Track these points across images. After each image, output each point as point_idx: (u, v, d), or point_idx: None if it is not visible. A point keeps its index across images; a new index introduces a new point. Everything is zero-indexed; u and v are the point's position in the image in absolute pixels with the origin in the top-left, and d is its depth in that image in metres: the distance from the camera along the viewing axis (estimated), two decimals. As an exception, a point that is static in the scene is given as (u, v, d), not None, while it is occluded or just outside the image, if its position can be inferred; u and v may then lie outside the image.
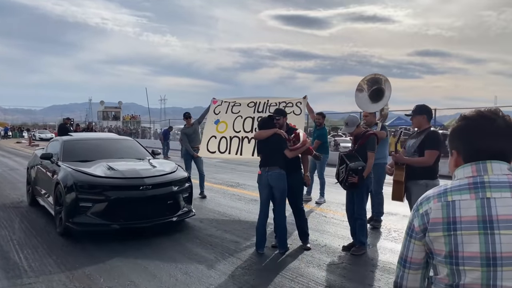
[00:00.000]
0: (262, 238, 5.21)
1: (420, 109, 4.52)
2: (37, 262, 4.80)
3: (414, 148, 4.47)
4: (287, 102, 7.78)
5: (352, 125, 5.16)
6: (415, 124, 4.59)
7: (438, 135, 4.50)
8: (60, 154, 6.86)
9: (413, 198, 4.52)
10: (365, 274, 4.49)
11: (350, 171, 4.91)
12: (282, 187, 5.09)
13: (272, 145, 5.13)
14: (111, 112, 50.95)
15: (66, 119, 15.40)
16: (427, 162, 4.34)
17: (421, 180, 4.40)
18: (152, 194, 5.87)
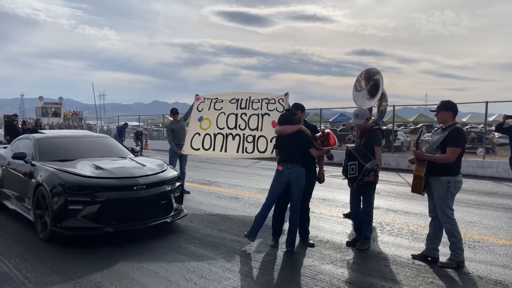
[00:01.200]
0: (257, 228, 5.15)
1: (446, 105, 4.57)
2: (32, 272, 4.37)
3: (437, 144, 4.53)
4: (269, 99, 7.73)
5: (362, 118, 5.19)
6: (440, 119, 4.61)
7: (462, 132, 4.56)
8: (36, 154, 6.31)
9: (435, 194, 4.59)
10: (380, 268, 4.53)
11: (367, 171, 4.90)
12: (301, 185, 5.03)
13: (296, 142, 5.02)
14: (51, 108, 48.03)
15: (14, 116, 14.25)
16: (448, 159, 4.42)
17: (443, 177, 4.49)
18: (146, 194, 5.55)
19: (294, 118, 5.18)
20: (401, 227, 6.25)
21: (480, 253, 5.06)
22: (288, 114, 5.28)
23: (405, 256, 4.90)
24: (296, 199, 5.08)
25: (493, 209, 7.69)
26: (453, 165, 4.45)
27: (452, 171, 4.47)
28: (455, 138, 4.42)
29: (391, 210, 7.44)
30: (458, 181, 4.52)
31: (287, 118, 5.19)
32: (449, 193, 4.49)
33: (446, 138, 4.44)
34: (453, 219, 4.53)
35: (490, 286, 4.04)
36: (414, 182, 4.58)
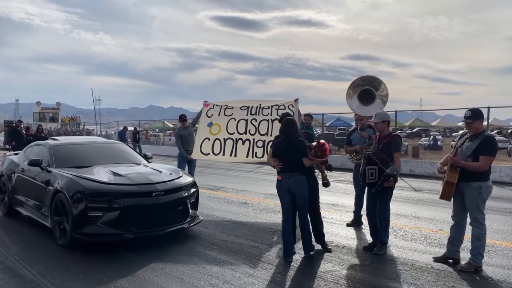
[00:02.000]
0: (290, 245, 5.08)
1: (478, 114, 4.63)
2: (58, 278, 4.41)
3: (470, 151, 4.60)
4: (279, 105, 7.84)
5: (378, 118, 5.33)
6: (473, 129, 4.62)
7: (494, 141, 4.65)
8: (52, 160, 6.35)
9: (466, 199, 4.69)
10: (400, 273, 4.61)
11: (387, 176, 4.99)
12: (304, 193, 5.04)
13: (291, 151, 5.00)
14: (48, 114, 47.85)
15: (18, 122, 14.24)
16: (482, 167, 4.52)
17: (475, 183, 4.58)
18: (164, 200, 5.62)
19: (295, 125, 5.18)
20: (414, 232, 6.34)
21: (496, 257, 5.15)
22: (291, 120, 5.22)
23: (423, 260, 4.98)
24: (302, 208, 5.10)
25: (501, 213, 7.80)
26: (484, 171, 4.56)
27: (484, 177, 4.58)
28: (488, 146, 4.51)
29: (401, 215, 7.52)
30: (489, 186, 4.63)
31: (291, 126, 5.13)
32: (481, 198, 4.59)
33: (479, 146, 4.51)
34: (483, 224, 4.63)
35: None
36: (445, 188, 4.66)
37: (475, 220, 4.64)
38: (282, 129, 5.19)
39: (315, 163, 5.15)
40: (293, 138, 5.05)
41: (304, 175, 5.04)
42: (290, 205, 5.10)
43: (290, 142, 5.03)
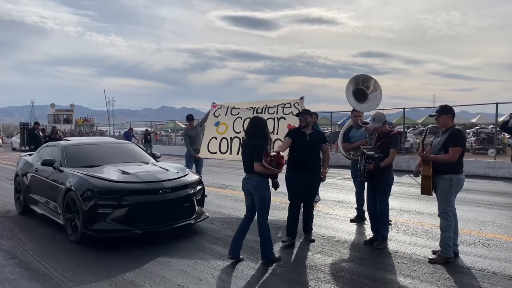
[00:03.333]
0: (235, 241, 4.92)
1: (446, 109, 4.87)
2: (68, 271, 4.64)
3: (440, 145, 4.82)
4: (285, 104, 7.99)
5: (378, 121, 5.42)
6: (440, 123, 4.90)
7: (462, 133, 4.86)
8: (63, 160, 6.60)
9: (438, 191, 4.86)
10: (398, 265, 4.74)
11: (367, 158, 5.18)
12: (260, 194, 4.77)
13: (245, 152, 4.89)
14: (63, 115, 48.73)
15: (35, 124, 14.61)
16: (451, 158, 4.69)
17: (447, 175, 4.75)
18: (171, 197, 5.83)
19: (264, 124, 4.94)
20: (416, 227, 6.44)
21: (494, 250, 5.24)
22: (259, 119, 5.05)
23: (421, 254, 5.10)
24: (258, 210, 4.83)
25: (506, 208, 7.84)
26: (455, 164, 4.73)
27: (455, 170, 4.74)
28: (456, 138, 4.72)
29: (405, 211, 7.62)
30: (460, 179, 4.78)
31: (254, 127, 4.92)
32: (451, 191, 4.75)
33: (448, 139, 4.74)
34: (450, 216, 4.79)
35: (505, 281, 4.23)
36: (423, 182, 4.83)
37: (443, 211, 4.81)
38: (247, 129, 5.04)
39: (267, 172, 4.73)
40: (250, 139, 4.85)
41: (263, 177, 4.77)
42: (249, 206, 4.95)
43: (248, 143, 4.87)
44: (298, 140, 5.58)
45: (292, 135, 5.68)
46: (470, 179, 12.20)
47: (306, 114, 5.67)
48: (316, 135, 5.72)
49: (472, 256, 4.99)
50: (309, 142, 5.57)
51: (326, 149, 5.79)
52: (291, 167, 5.63)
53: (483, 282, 4.21)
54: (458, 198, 8.75)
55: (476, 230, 6.21)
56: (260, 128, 4.86)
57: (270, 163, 4.72)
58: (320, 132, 6.09)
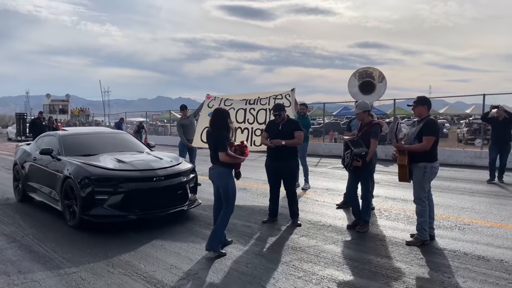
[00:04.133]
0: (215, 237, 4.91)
1: (422, 100, 5.16)
2: (68, 253, 4.94)
3: (414, 135, 5.11)
4: (277, 95, 8.25)
5: (359, 108, 5.77)
6: (416, 113, 5.20)
7: (435, 123, 5.16)
8: (61, 149, 6.87)
9: (413, 179, 5.17)
10: (377, 247, 5.07)
11: (354, 155, 5.49)
12: (223, 185, 4.86)
13: (210, 143, 5.01)
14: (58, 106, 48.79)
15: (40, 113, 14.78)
16: (425, 147, 4.99)
17: (421, 163, 5.06)
18: (164, 185, 6.12)
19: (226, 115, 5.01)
20: (398, 213, 6.78)
21: (469, 234, 5.58)
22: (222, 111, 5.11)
23: (401, 237, 5.43)
24: (223, 200, 4.92)
25: (486, 196, 8.19)
26: (429, 153, 5.03)
27: (429, 158, 5.04)
28: (429, 128, 5.01)
29: (390, 198, 7.96)
30: (434, 167, 5.09)
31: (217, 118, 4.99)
32: (425, 178, 5.06)
33: (422, 128, 5.03)
34: (425, 202, 5.11)
35: (474, 260, 4.57)
36: (399, 171, 5.13)
37: (418, 197, 5.13)
38: (210, 120, 5.09)
39: (232, 161, 4.87)
40: (214, 130, 4.95)
41: (225, 167, 4.88)
42: (217, 195, 5.06)
43: (211, 134, 4.99)
44: (272, 131, 6.06)
45: (268, 128, 6.27)
46: (457, 168, 12.59)
47: (277, 110, 6.04)
48: (289, 124, 6.06)
49: (447, 239, 5.32)
50: (280, 131, 5.98)
51: (297, 135, 5.96)
52: (267, 155, 6.17)
53: (453, 261, 4.54)
54: (442, 186, 9.19)
55: (454, 216, 6.55)
56: (222, 119, 4.95)
57: (235, 152, 4.94)
58: (295, 121, 6.38)
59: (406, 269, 4.33)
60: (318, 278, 4.14)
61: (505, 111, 9.75)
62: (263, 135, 6.29)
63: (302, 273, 4.27)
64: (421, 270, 4.32)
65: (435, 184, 9.27)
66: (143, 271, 4.36)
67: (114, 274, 4.30)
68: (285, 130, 5.99)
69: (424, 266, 4.43)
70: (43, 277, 4.22)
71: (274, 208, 6.29)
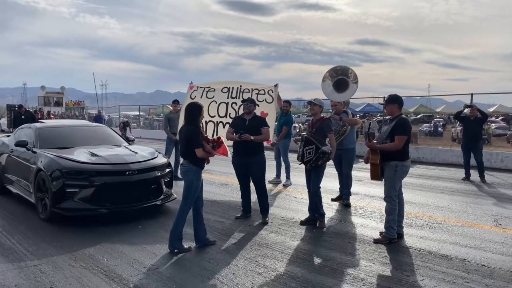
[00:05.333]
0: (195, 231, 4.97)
1: (393, 99, 5.15)
2: (33, 246, 4.93)
3: (386, 134, 5.10)
4: (259, 90, 8.20)
5: (317, 102, 5.87)
6: (388, 111, 5.20)
7: (407, 122, 5.13)
8: (36, 142, 6.84)
9: (384, 177, 5.17)
10: (344, 245, 5.07)
11: (321, 153, 5.49)
12: (188, 180, 4.77)
13: (181, 139, 4.92)
14: (53, 98, 48.62)
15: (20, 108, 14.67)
16: (396, 146, 4.98)
17: (392, 161, 5.05)
18: (137, 179, 6.10)
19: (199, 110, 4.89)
20: (373, 211, 6.78)
21: (438, 233, 5.58)
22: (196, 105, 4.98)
23: (369, 235, 5.43)
24: (183, 196, 4.85)
25: (465, 195, 8.19)
26: (401, 151, 5.02)
27: (400, 157, 5.03)
28: (401, 127, 4.99)
29: (368, 196, 7.96)
30: (405, 165, 5.08)
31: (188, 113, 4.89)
32: (396, 176, 5.04)
33: (394, 127, 5.01)
34: (395, 201, 5.10)
35: (437, 259, 4.57)
36: (371, 169, 5.12)
37: (388, 195, 5.12)
38: (184, 115, 4.97)
39: (208, 156, 4.87)
40: (186, 126, 4.87)
41: (194, 164, 4.78)
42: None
43: (183, 130, 4.92)
44: (238, 126, 6.02)
45: (234, 122, 6.22)
46: (443, 167, 12.58)
47: (250, 103, 6.05)
48: (256, 120, 6.04)
49: (415, 238, 5.33)
50: (247, 127, 5.94)
51: (264, 131, 5.95)
52: (233, 152, 6.09)
53: (416, 260, 4.54)
54: (424, 184, 9.20)
55: (428, 214, 6.55)
56: (193, 114, 4.85)
57: (213, 148, 4.92)
58: (261, 118, 6.32)
59: (367, 267, 4.33)
60: (278, 274, 4.14)
61: (478, 110, 9.84)
62: (229, 129, 6.20)
63: (263, 269, 4.27)
64: (382, 268, 4.32)
65: (415, 183, 9.36)
66: (105, 265, 4.35)
67: (74, 267, 4.29)
68: (252, 126, 5.97)
69: (386, 264, 4.44)
70: (3, 270, 4.21)
71: (246, 203, 6.29)
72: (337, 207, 6.99)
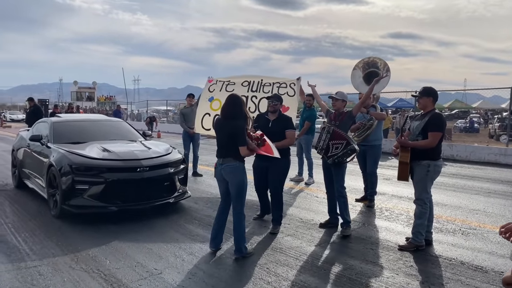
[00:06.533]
0: (216, 233, 4.57)
1: (427, 92, 4.63)
2: (38, 245, 4.75)
3: (419, 130, 4.60)
4: (281, 83, 7.80)
5: (339, 96, 5.40)
6: (420, 105, 4.68)
7: (442, 117, 4.62)
8: (50, 136, 6.71)
9: (415, 177, 4.69)
10: (365, 251, 4.64)
11: (349, 151, 5.03)
12: (237, 182, 4.35)
13: (223, 134, 4.39)
14: (85, 93, 49.72)
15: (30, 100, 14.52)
16: (430, 144, 4.49)
17: (424, 161, 4.57)
18: (149, 176, 5.84)
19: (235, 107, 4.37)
20: (400, 213, 6.28)
21: (472, 240, 5.06)
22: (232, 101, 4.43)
23: (394, 240, 4.98)
24: (235, 199, 4.41)
25: (502, 197, 7.55)
26: (433, 150, 4.53)
27: (433, 156, 4.54)
28: (435, 123, 4.49)
29: (396, 196, 7.45)
30: (438, 165, 4.59)
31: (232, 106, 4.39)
32: (428, 177, 4.56)
33: (427, 123, 4.51)
34: (426, 204, 4.61)
35: (469, 271, 4.08)
36: (400, 168, 4.63)
37: (419, 198, 4.63)
38: (222, 107, 4.51)
39: (251, 154, 4.46)
40: (228, 120, 4.37)
41: (240, 161, 4.37)
42: (225, 194, 4.52)
43: (226, 125, 4.38)
44: (260, 127, 5.29)
45: (257, 121, 5.51)
46: (480, 166, 11.84)
47: (276, 100, 5.46)
48: (280, 121, 5.46)
49: (446, 245, 4.83)
50: (270, 129, 5.31)
51: (288, 134, 5.36)
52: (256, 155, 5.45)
53: (445, 271, 4.07)
54: (457, 185, 8.58)
55: (461, 218, 6.01)
56: (238, 106, 4.36)
57: (258, 146, 4.44)
58: (287, 118, 5.65)
59: (389, 278, 3.90)
60: (289, 284, 3.76)
61: None
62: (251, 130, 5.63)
63: (274, 277, 3.90)
64: (406, 280, 3.87)
65: (448, 183, 8.75)
66: (105, 268, 4.09)
67: (74, 270, 4.05)
68: (276, 128, 5.37)
69: (411, 275, 3.98)
70: (1, 271, 4.01)
71: (264, 203, 5.87)
72: (360, 209, 6.54)
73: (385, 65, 6.52)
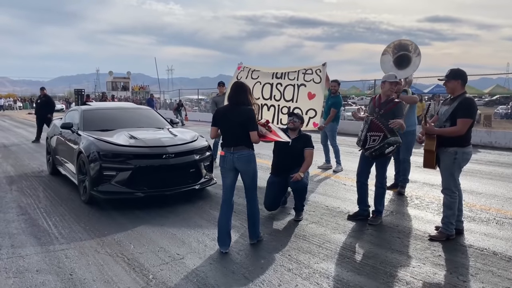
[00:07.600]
0: (226, 235, 4.24)
1: (455, 74, 4.34)
2: (66, 229, 4.88)
3: (447, 116, 4.35)
4: (307, 69, 7.68)
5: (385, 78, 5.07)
6: (449, 89, 4.41)
7: (473, 102, 4.34)
8: (80, 124, 6.87)
9: (441, 165, 4.48)
10: (392, 240, 4.50)
11: (387, 144, 4.78)
12: (252, 170, 4.24)
13: (239, 120, 4.15)
14: (120, 83, 50.86)
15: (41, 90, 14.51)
16: (459, 132, 4.24)
17: (451, 148, 4.34)
18: (174, 162, 5.89)
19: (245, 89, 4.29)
20: (431, 201, 6.07)
21: (507, 229, 4.81)
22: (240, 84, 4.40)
23: (422, 229, 4.81)
24: (249, 187, 4.31)
25: (543, 185, 7.17)
26: (461, 136, 4.26)
27: (461, 142, 4.28)
28: (465, 108, 4.21)
29: (428, 184, 7.20)
30: (466, 152, 4.33)
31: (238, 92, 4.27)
32: (456, 165, 4.32)
33: (456, 109, 4.24)
34: (455, 193, 4.39)
35: (502, 262, 3.88)
36: (426, 156, 4.42)
37: (447, 187, 4.41)
38: (229, 95, 4.39)
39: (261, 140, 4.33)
40: (237, 106, 4.22)
41: (252, 149, 4.24)
42: (230, 186, 4.31)
43: (235, 112, 4.20)
44: (280, 145, 5.26)
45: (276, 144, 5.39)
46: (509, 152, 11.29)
47: (297, 118, 5.43)
48: (301, 140, 5.34)
49: (478, 234, 4.62)
50: (289, 149, 5.25)
51: (308, 153, 5.29)
52: (272, 171, 5.71)
53: (476, 262, 3.89)
54: (494, 172, 8.22)
55: (496, 207, 5.74)
56: (244, 93, 4.26)
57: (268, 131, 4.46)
58: (306, 136, 5.48)
59: (415, 268, 3.76)
60: (310, 272, 3.70)
61: None
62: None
63: (295, 265, 3.85)
64: (433, 269, 3.72)
65: (484, 170, 8.40)
66: (129, 253, 4.15)
67: (99, 254, 4.14)
68: (295, 148, 5.28)
69: (439, 265, 3.83)
70: (31, 253, 4.15)
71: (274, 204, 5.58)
72: (390, 196, 6.35)
73: (416, 48, 6.27)
